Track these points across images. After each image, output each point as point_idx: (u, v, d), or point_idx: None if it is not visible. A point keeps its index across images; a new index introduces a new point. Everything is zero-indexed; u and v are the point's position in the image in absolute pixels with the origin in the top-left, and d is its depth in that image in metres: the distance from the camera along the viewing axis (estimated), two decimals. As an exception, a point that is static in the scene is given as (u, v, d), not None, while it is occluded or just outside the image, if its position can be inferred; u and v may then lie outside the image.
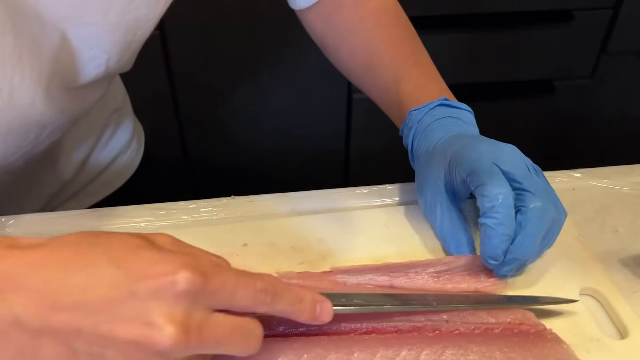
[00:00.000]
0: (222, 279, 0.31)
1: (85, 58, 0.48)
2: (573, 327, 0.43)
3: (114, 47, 0.49)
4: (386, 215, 0.53)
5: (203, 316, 0.31)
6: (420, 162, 0.51)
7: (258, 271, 0.46)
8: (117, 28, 0.48)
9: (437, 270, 0.46)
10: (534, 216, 0.42)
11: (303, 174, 1.42)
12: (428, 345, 0.39)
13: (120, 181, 0.72)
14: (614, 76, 1.35)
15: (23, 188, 0.61)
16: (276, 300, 0.33)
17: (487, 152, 0.44)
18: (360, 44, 0.59)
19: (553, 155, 1.48)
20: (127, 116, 0.72)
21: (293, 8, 0.63)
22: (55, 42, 0.46)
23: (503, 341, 0.40)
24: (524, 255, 0.43)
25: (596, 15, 1.26)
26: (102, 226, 0.52)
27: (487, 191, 0.42)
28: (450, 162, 0.46)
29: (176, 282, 0.30)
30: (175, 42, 1.17)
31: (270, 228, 0.51)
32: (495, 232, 0.42)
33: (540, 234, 0.43)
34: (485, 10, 1.22)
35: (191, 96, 1.26)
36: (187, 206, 0.54)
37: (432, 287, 0.44)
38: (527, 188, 0.43)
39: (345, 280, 0.44)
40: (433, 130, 0.50)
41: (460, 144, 0.46)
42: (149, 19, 0.50)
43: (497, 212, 0.42)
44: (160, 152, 1.31)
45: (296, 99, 1.30)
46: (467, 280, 0.45)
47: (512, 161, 0.44)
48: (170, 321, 0.29)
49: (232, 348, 0.33)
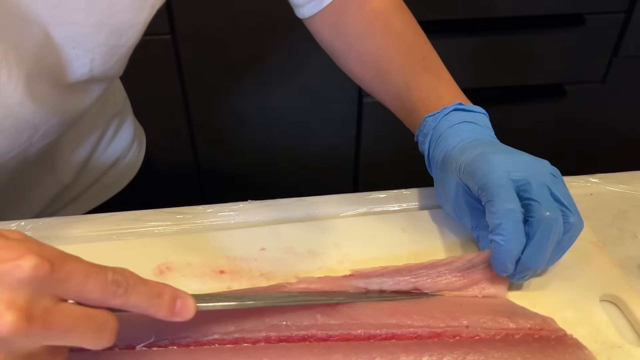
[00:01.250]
0: (70, 266, 0.30)
1: (69, 57, 0.49)
2: (593, 334, 0.43)
3: (97, 48, 0.49)
4: (403, 219, 0.53)
5: (49, 304, 0.30)
6: (438, 169, 0.51)
7: (277, 276, 0.47)
8: (100, 29, 0.48)
9: (460, 269, 0.45)
10: (541, 227, 0.42)
11: (312, 178, 1.42)
12: (449, 351, 0.39)
13: (120, 185, 0.72)
14: (625, 80, 1.35)
15: (21, 191, 0.61)
16: (129, 293, 0.32)
17: (499, 164, 0.44)
18: (369, 50, 0.59)
19: (564, 159, 1.47)
20: (128, 120, 0.72)
21: (299, 17, 0.63)
22: (39, 40, 0.46)
23: (524, 347, 0.40)
24: (534, 265, 0.43)
25: (608, 20, 1.25)
26: (118, 230, 0.53)
27: (495, 208, 0.42)
28: (465, 173, 0.46)
29: (20, 267, 0.29)
30: (186, 47, 1.18)
31: (287, 232, 0.51)
32: (503, 248, 0.42)
33: (548, 244, 0.42)
34: (497, 15, 1.22)
35: (201, 100, 1.27)
36: (205, 210, 0.54)
37: (455, 286, 0.44)
38: (534, 198, 0.42)
39: (368, 284, 0.44)
40: (448, 136, 0.50)
41: (475, 153, 0.46)
42: (134, 24, 0.50)
43: (505, 229, 0.42)
44: (170, 156, 1.31)
45: (306, 103, 1.30)
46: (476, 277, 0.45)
47: (523, 172, 0.44)
48: (11, 307, 0.28)
49: (83, 340, 0.32)
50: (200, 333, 0.40)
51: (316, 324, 0.40)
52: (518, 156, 0.45)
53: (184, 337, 0.39)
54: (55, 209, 0.66)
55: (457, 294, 0.45)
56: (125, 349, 0.39)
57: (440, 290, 0.44)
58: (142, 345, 0.39)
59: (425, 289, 0.44)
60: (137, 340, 0.39)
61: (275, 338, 0.39)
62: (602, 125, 1.42)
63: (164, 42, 1.15)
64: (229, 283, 0.46)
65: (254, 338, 0.39)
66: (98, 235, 0.52)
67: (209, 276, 0.47)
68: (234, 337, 0.40)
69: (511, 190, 0.43)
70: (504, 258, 0.42)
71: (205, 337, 0.39)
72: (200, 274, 0.47)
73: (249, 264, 0.48)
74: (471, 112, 0.51)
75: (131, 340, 0.39)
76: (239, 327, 0.40)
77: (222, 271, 0.47)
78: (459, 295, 0.45)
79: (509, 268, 0.43)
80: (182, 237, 0.51)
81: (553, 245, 0.43)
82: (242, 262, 0.48)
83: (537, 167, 0.44)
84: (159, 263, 0.48)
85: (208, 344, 0.39)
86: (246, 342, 0.39)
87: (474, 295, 0.45)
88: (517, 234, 0.42)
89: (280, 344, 0.39)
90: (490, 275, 0.45)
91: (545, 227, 0.42)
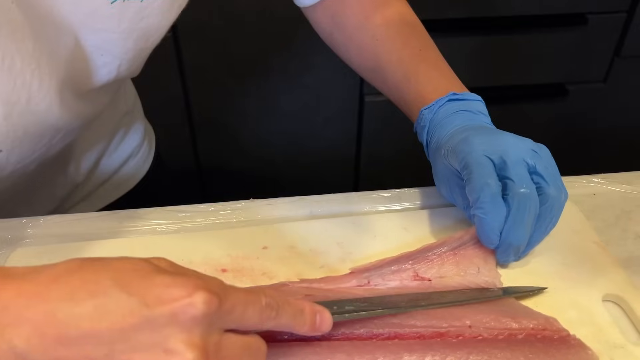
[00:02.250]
0: (232, 297, 0.31)
1: (97, 64, 0.49)
2: (596, 334, 0.43)
3: (126, 54, 0.49)
4: (405, 219, 0.53)
5: (218, 338, 0.30)
6: (433, 156, 0.53)
7: (279, 275, 0.47)
8: (130, 35, 0.48)
9: (452, 248, 0.47)
10: (515, 203, 0.44)
11: (313, 176, 1.42)
12: (452, 351, 0.39)
13: (131, 183, 0.72)
14: (627, 80, 1.34)
15: (35, 190, 0.61)
16: (280, 315, 0.33)
17: (478, 145, 0.46)
18: (368, 41, 0.60)
19: (565, 159, 1.47)
20: (138, 119, 0.72)
21: (298, 6, 0.63)
22: (70, 48, 0.46)
23: (527, 347, 0.40)
24: (517, 241, 0.45)
25: (610, 19, 1.25)
26: (121, 228, 0.53)
27: (473, 183, 0.45)
28: (451, 157, 0.48)
29: (193, 305, 0.29)
30: (187, 46, 1.17)
31: (289, 231, 0.51)
32: (484, 220, 0.44)
33: (525, 219, 0.44)
34: (499, 14, 1.22)
35: (203, 99, 1.26)
36: (207, 209, 0.54)
37: (454, 271, 0.46)
38: (509, 175, 0.44)
39: (369, 277, 0.45)
40: (442, 126, 0.52)
41: (460, 138, 0.48)
42: (161, 27, 0.50)
43: (483, 202, 0.44)
44: (172, 155, 1.31)
45: (308, 102, 1.30)
46: None
47: (501, 151, 0.45)
48: (190, 347, 0.29)
49: None
50: None
51: (319, 323, 0.40)
52: (498, 136, 0.47)
53: None
54: (67, 207, 0.66)
55: (458, 278, 0.46)
56: None
57: (442, 277, 0.46)
58: None
59: (428, 275, 0.45)
60: None
61: (277, 338, 0.39)
62: (603, 125, 1.42)
63: (166, 40, 1.15)
64: (231, 282, 0.46)
65: None
66: (100, 233, 0.52)
67: (210, 275, 0.47)
68: None
69: (488, 167, 0.45)
70: (487, 230, 0.45)
71: None
72: (202, 272, 0.47)
73: (251, 262, 0.48)
74: (465, 101, 0.52)
75: None
76: None
77: (224, 270, 0.47)
78: (460, 278, 0.46)
79: (494, 239, 0.45)
80: (184, 236, 0.51)
81: (532, 220, 0.44)
82: (244, 260, 0.48)
83: (516, 145, 0.46)
84: (160, 261, 0.48)
85: None
86: None
87: (476, 285, 0.45)
88: (496, 206, 0.44)
89: (282, 343, 0.39)
90: (482, 251, 0.47)
91: (520, 203, 0.44)
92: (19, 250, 0.49)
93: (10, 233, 0.51)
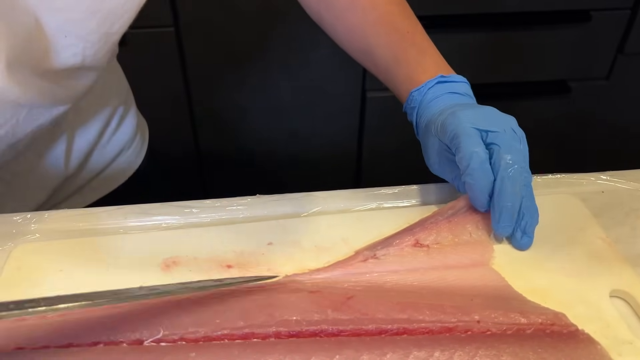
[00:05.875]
0: None
1: (61, 44, 0.49)
2: (604, 330, 0.43)
3: (89, 36, 0.49)
4: (411, 215, 0.53)
5: None
6: (422, 135, 0.55)
7: (284, 271, 0.46)
8: (93, 16, 0.48)
9: (447, 216, 0.50)
10: (504, 165, 0.46)
11: (314, 172, 1.42)
12: (461, 346, 0.38)
13: (123, 177, 0.72)
14: (630, 77, 1.34)
15: (22, 179, 0.61)
16: None
17: (465, 117, 0.48)
18: (356, 22, 0.60)
19: (568, 156, 1.47)
20: (131, 112, 0.72)
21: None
22: (28, 27, 0.46)
23: (536, 342, 0.40)
24: (508, 200, 0.47)
25: (614, 16, 1.25)
26: (126, 223, 0.52)
27: (462, 152, 0.47)
28: (440, 132, 0.50)
29: None
30: (189, 39, 1.17)
31: (294, 227, 0.51)
32: (474, 186, 0.47)
33: (512, 179, 0.46)
34: (501, 10, 1.21)
35: (204, 93, 1.26)
36: (213, 205, 0.53)
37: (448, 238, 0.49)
38: (495, 142, 0.47)
39: (375, 252, 0.46)
40: (431, 107, 0.54)
41: (448, 113, 0.50)
42: (126, 10, 0.50)
43: (472, 169, 0.46)
44: (172, 149, 1.31)
45: (309, 97, 1.30)
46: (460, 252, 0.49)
47: (487, 122, 0.48)
48: None
49: None
50: (209, 328, 0.39)
51: (327, 319, 0.40)
52: (484, 110, 0.50)
53: (193, 332, 0.39)
54: (59, 199, 0.66)
55: (453, 243, 0.49)
56: (133, 344, 0.38)
57: (439, 242, 0.48)
58: (150, 340, 0.39)
59: (426, 242, 0.48)
60: (145, 335, 0.39)
61: (286, 333, 0.39)
62: (606, 122, 1.42)
63: (168, 34, 1.15)
64: (237, 277, 0.46)
65: (264, 333, 0.39)
66: (105, 228, 0.52)
67: (215, 270, 0.47)
68: (243, 332, 0.39)
69: (476, 137, 0.47)
70: (477, 194, 0.47)
71: (215, 332, 0.39)
72: (207, 268, 0.47)
73: (257, 258, 0.48)
74: (452, 83, 0.54)
75: (140, 335, 0.39)
76: (249, 323, 0.40)
77: (230, 265, 0.47)
78: (454, 243, 0.48)
79: (484, 202, 0.48)
80: (189, 231, 0.51)
81: (519, 181, 0.47)
82: (250, 256, 0.48)
83: (500, 118, 0.49)
84: (165, 257, 0.48)
85: (217, 339, 0.39)
86: (256, 338, 0.39)
87: None
88: (484, 172, 0.47)
89: (291, 339, 0.39)
90: (473, 217, 0.50)
91: (507, 165, 0.46)
92: (23, 245, 0.49)
93: (15, 228, 0.51)
